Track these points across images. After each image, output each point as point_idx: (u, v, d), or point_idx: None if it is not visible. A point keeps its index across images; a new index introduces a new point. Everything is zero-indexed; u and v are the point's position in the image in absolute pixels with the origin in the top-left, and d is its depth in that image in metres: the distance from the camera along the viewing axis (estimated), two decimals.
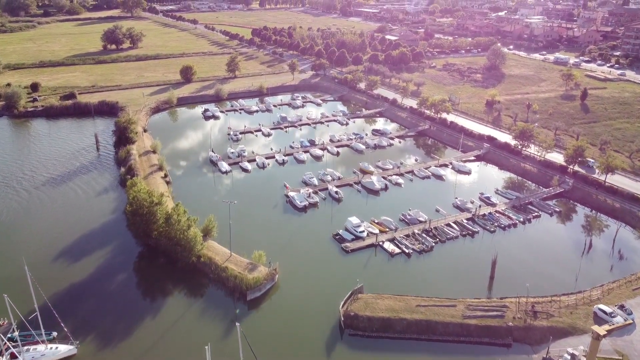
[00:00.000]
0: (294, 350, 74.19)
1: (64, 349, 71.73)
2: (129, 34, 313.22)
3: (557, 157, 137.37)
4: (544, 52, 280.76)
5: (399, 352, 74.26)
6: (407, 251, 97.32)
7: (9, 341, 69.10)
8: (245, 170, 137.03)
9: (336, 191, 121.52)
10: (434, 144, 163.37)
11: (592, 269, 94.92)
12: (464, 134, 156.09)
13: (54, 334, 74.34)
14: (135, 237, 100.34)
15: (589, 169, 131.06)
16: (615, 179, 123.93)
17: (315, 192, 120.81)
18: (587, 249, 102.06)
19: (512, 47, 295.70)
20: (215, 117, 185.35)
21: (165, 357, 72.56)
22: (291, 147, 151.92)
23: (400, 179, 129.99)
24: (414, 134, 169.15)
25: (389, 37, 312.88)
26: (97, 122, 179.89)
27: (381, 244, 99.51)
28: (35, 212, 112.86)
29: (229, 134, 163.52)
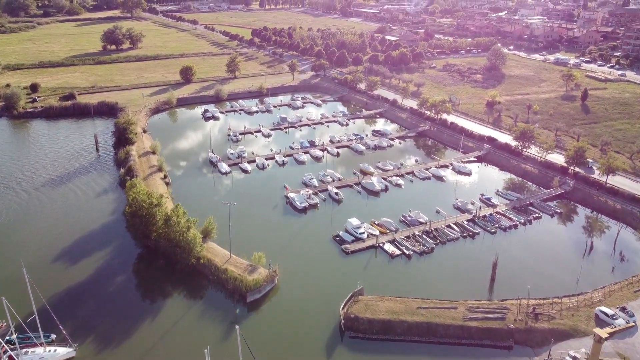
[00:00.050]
0: (293, 352, 73.78)
1: (63, 352, 71.26)
2: (129, 35, 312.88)
3: (557, 158, 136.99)
4: (544, 52, 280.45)
5: (399, 354, 73.88)
6: (407, 253, 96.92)
7: (7, 344, 68.81)
8: (245, 171, 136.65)
9: (336, 192, 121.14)
10: (434, 144, 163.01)
11: (593, 270, 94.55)
12: (465, 134, 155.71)
13: (53, 336, 73.85)
14: (134, 239, 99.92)
15: (588, 169, 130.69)
16: (616, 180, 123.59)
17: (315, 193, 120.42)
18: (588, 251, 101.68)
19: (512, 47, 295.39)
20: (215, 118, 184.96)
21: None
22: (291, 148, 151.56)
23: (400, 180, 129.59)
24: (414, 135, 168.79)
25: (389, 37, 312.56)
26: (97, 122, 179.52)
27: (381, 245, 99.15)
28: (34, 213, 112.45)
29: (229, 135, 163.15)
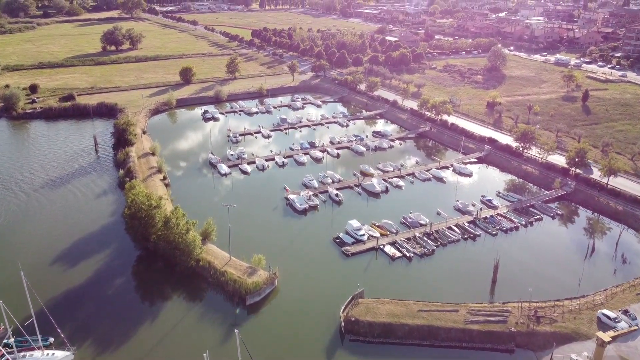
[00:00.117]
0: (293, 356, 73.19)
1: (61, 355, 70.57)
2: (129, 35, 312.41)
3: (558, 159, 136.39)
4: (545, 53, 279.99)
5: (400, 358, 73.33)
6: (408, 255, 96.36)
7: (4, 347, 68.23)
8: (244, 172, 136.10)
9: (336, 194, 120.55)
10: (434, 145, 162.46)
11: (595, 272, 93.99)
12: (465, 135, 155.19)
13: (51, 339, 73.31)
14: (133, 241, 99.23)
15: (587, 170, 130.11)
16: (617, 182, 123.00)
17: (315, 195, 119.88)
18: (589, 253, 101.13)
19: (512, 48, 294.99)
20: (214, 119, 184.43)
21: None
22: (291, 149, 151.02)
23: (401, 182, 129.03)
24: (415, 136, 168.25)
25: (389, 38, 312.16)
26: (96, 123, 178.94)
27: (382, 247, 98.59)
28: (33, 215, 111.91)
29: (229, 136, 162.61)
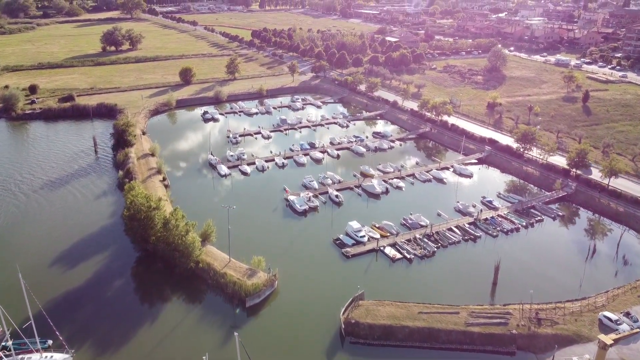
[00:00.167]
0: (293, 359, 72.77)
1: (59, 358, 70.21)
2: (128, 36, 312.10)
3: (559, 160, 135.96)
4: (545, 53, 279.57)
5: None
6: (408, 256, 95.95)
7: (2, 350, 67.87)
8: (244, 173, 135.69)
9: (336, 195, 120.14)
10: (435, 146, 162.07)
11: (597, 274, 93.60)
12: (465, 136, 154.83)
13: (49, 342, 72.89)
14: (132, 242, 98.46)
15: (586, 170, 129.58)
16: (618, 183, 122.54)
17: (315, 196, 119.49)
18: (590, 254, 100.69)
19: (512, 48, 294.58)
20: (214, 120, 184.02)
21: None
22: (291, 150, 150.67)
23: (401, 183, 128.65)
24: (415, 137, 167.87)
25: (389, 38, 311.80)
26: (96, 124, 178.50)
27: (382, 249, 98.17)
28: (32, 216, 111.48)
29: (228, 137, 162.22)
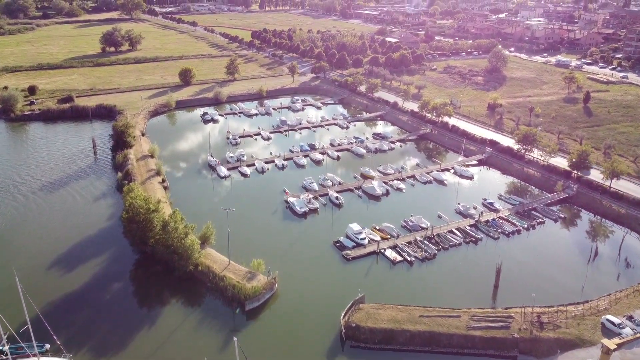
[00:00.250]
0: None
1: None
2: (128, 37, 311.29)
3: (560, 162, 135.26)
4: (546, 54, 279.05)
5: None
6: (409, 259, 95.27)
7: None
8: (244, 175, 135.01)
9: (337, 197, 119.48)
10: (435, 147, 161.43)
11: (599, 277, 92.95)
12: (466, 137, 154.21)
13: (47, 346, 72.17)
14: (131, 245, 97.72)
15: (585, 172, 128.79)
16: (620, 184, 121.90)
17: (315, 198, 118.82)
18: (592, 257, 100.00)
19: (513, 49, 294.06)
20: (214, 121, 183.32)
21: None
22: (291, 151, 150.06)
23: (401, 184, 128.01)
24: (415, 138, 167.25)
25: (389, 39, 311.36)
26: (95, 125, 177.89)
27: (383, 251, 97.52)
28: (30, 218, 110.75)
29: (228, 138, 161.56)
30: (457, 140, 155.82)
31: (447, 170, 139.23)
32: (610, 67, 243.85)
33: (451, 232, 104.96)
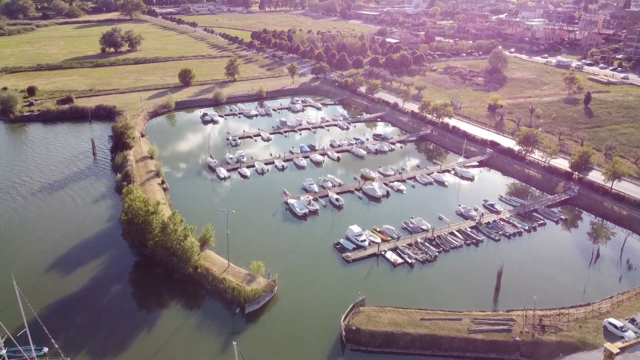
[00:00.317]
0: None
1: None
2: (128, 37, 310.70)
3: (561, 163, 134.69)
4: (546, 55, 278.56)
5: None
6: (409, 261, 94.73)
7: None
8: (244, 176, 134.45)
9: (337, 198, 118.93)
10: (435, 149, 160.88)
11: (601, 279, 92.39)
12: (467, 139, 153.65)
13: (45, 349, 71.56)
14: (130, 247, 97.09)
15: (586, 172, 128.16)
16: (621, 186, 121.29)
17: (315, 199, 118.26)
18: (594, 259, 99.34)
19: (513, 50, 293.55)
20: (214, 122, 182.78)
21: None
22: (291, 153, 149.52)
23: (402, 186, 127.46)
24: (416, 139, 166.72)
25: (389, 40, 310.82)
26: (94, 126, 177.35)
27: (383, 253, 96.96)
28: (29, 220, 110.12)
29: (228, 139, 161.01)
30: (458, 141, 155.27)
31: (448, 171, 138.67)
32: (610, 68, 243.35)
33: (452, 233, 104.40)
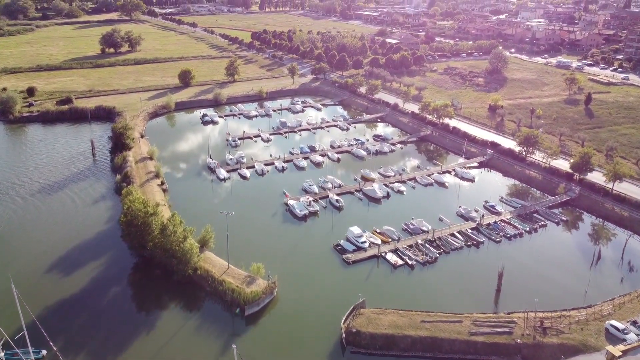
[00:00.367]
0: None
1: None
2: (127, 38, 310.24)
3: (562, 164, 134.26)
4: (546, 55, 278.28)
5: None
6: (410, 263, 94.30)
7: None
8: (243, 177, 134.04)
9: (337, 199, 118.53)
10: (436, 149, 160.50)
11: (602, 281, 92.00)
12: (467, 139, 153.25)
13: (43, 352, 71.14)
14: (129, 248, 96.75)
15: (587, 173, 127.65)
16: (622, 187, 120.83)
17: (315, 201, 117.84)
18: (595, 260, 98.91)
19: (513, 50, 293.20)
20: (213, 122, 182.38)
21: None
22: (291, 153, 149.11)
23: (402, 187, 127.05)
24: (416, 140, 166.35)
25: (389, 40, 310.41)
26: (94, 127, 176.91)
27: (383, 255, 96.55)
28: (28, 221, 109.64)
29: (228, 140, 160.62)
30: (458, 142, 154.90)
31: (448, 172, 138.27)
32: (611, 69, 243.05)
33: (452, 235, 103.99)
